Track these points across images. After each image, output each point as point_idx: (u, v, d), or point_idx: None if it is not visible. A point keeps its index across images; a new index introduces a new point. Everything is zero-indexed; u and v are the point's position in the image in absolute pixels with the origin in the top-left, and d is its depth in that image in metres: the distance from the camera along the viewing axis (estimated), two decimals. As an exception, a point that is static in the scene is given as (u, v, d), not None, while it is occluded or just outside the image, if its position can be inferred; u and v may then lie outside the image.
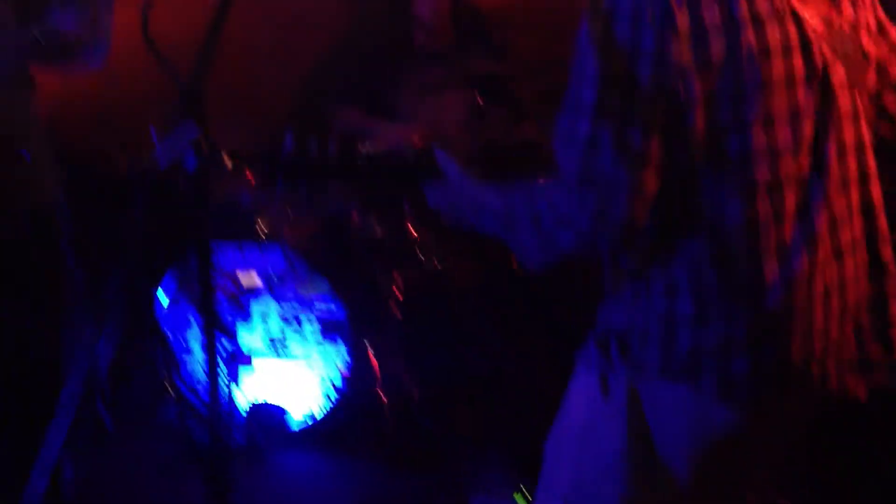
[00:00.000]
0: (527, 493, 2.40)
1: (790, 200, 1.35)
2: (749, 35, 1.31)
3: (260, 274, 2.88)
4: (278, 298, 2.88)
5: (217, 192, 2.92)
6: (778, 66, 1.33)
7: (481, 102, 2.81)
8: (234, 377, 2.88)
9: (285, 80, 3.48)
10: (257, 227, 2.90)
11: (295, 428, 2.89)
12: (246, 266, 2.89)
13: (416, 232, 2.90)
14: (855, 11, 1.43)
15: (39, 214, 1.95)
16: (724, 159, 1.33)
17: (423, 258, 2.91)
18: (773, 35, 1.33)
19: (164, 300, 2.92)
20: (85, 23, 1.81)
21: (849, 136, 1.39)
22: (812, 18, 1.37)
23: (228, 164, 2.52)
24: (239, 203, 2.94)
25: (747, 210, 1.33)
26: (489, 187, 1.49)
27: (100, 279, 2.03)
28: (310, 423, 2.88)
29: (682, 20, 1.29)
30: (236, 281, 2.89)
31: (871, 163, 1.43)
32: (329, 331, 2.86)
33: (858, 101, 1.42)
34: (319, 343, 2.88)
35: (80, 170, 3.33)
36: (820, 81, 1.36)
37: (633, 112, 1.30)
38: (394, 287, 2.88)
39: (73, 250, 1.98)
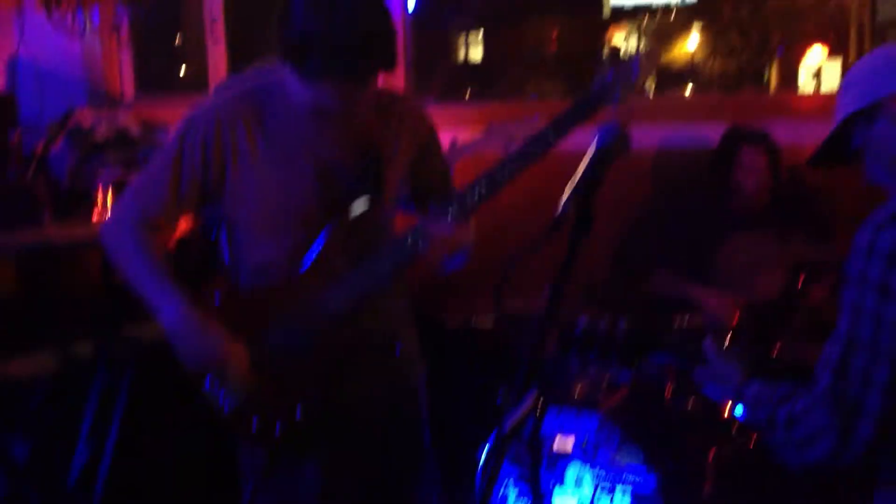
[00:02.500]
0: None
1: None
2: None
3: (576, 440, 3.03)
4: (592, 465, 3.01)
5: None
6: None
7: (799, 286, 2.83)
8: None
9: (606, 245, 3.68)
10: (574, 392, 3.07)
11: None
12: (563, 431, 3.05)
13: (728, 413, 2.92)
14: None
15: (402, 402, 2.27)
16: None
17: (736, 436, 2.91)
18: None
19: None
20: None
21: None
22: None
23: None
24: (557, 367, 3.14)
25: None
26: (752, 381, 1.63)
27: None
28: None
29: None
30: (553, 445, 3.05)
31: None
32: (640, 502, 2.93)
33: None
34: (630, 512, 2.95)
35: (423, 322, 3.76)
36: None
37: (879, 344, 1.41)
38: (707, 463, 2.90)
39: (429, 430, 2.28)
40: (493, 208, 2.16)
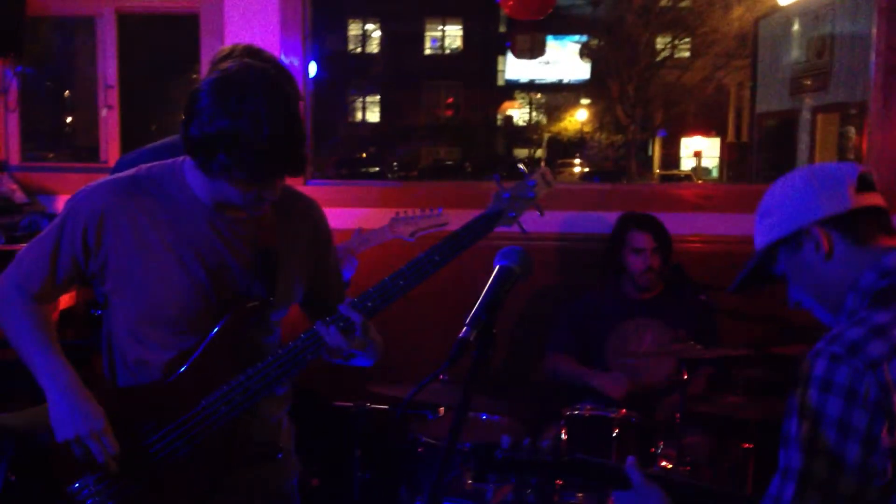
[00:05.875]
0: None
1: None
2: None
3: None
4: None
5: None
6: None
7: (683, 376, 2.91)
8: None
9: (511, 332, 3.75)
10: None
11: None
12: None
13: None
14: None
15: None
16: None
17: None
18: None
19: None
20: None
21: None
22: None
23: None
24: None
25: None
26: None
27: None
28: None
29: None
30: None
31: None
32: None
33: None
34: None
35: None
36: None
37: (837, 486, 1.37)
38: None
39: None
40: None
